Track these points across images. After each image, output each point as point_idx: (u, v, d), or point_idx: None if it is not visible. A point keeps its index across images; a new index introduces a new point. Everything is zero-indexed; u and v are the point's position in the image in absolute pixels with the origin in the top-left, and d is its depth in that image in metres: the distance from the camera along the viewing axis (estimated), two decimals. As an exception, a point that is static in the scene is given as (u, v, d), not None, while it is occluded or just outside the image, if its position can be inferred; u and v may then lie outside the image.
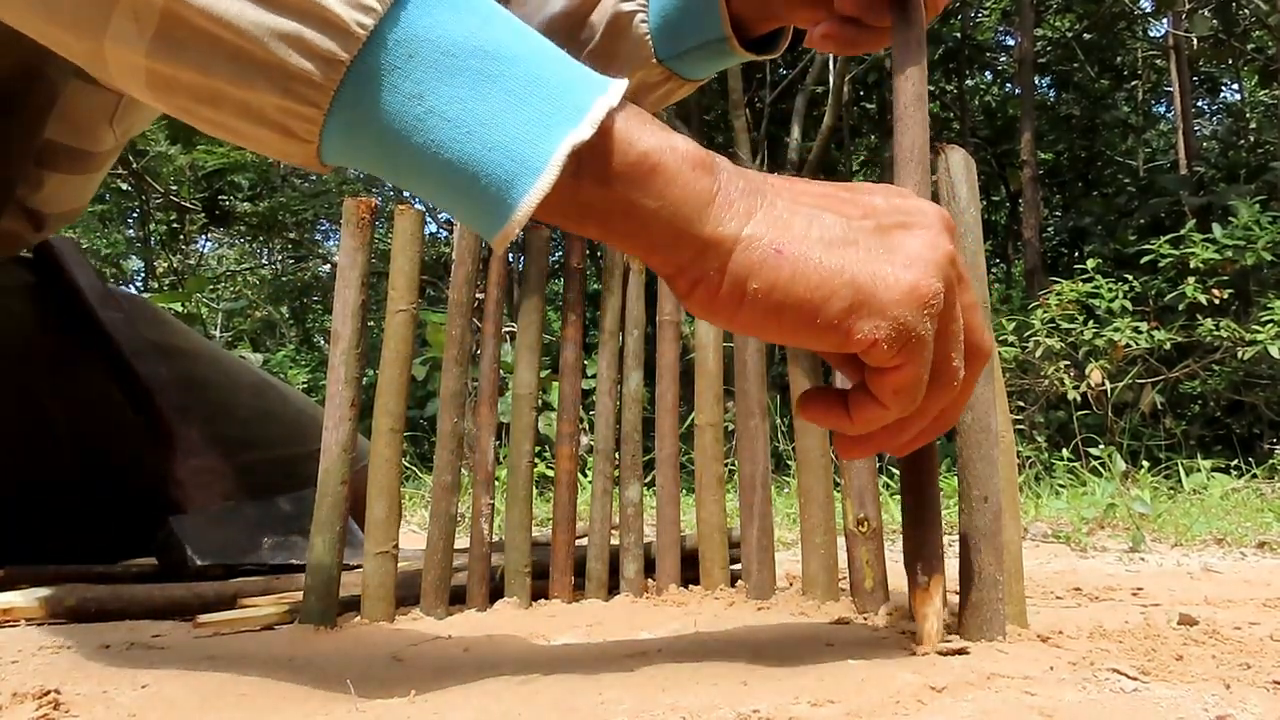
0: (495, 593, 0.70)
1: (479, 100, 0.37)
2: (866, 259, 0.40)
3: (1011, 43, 9.73)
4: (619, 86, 0.39)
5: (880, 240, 0.41)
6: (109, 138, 0.85)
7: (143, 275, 9.89)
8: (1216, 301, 4.64)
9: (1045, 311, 4.75)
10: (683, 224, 0.39)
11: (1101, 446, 3.13)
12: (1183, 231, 4.97)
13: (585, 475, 2.33)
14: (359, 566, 0.67)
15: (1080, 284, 4.81)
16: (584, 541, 0.74)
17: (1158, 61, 9.21)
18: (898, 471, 0.55)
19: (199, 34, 0.36)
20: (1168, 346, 4.60)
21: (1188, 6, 7.02)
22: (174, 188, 7.70)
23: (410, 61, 0.37)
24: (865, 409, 0.44)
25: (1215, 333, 4.49)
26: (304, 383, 7.50)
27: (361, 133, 0.38)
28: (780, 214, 0.41)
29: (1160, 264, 4.95)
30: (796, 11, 0.64)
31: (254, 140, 0.39)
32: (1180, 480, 2.74)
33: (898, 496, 0.55)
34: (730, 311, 0.41)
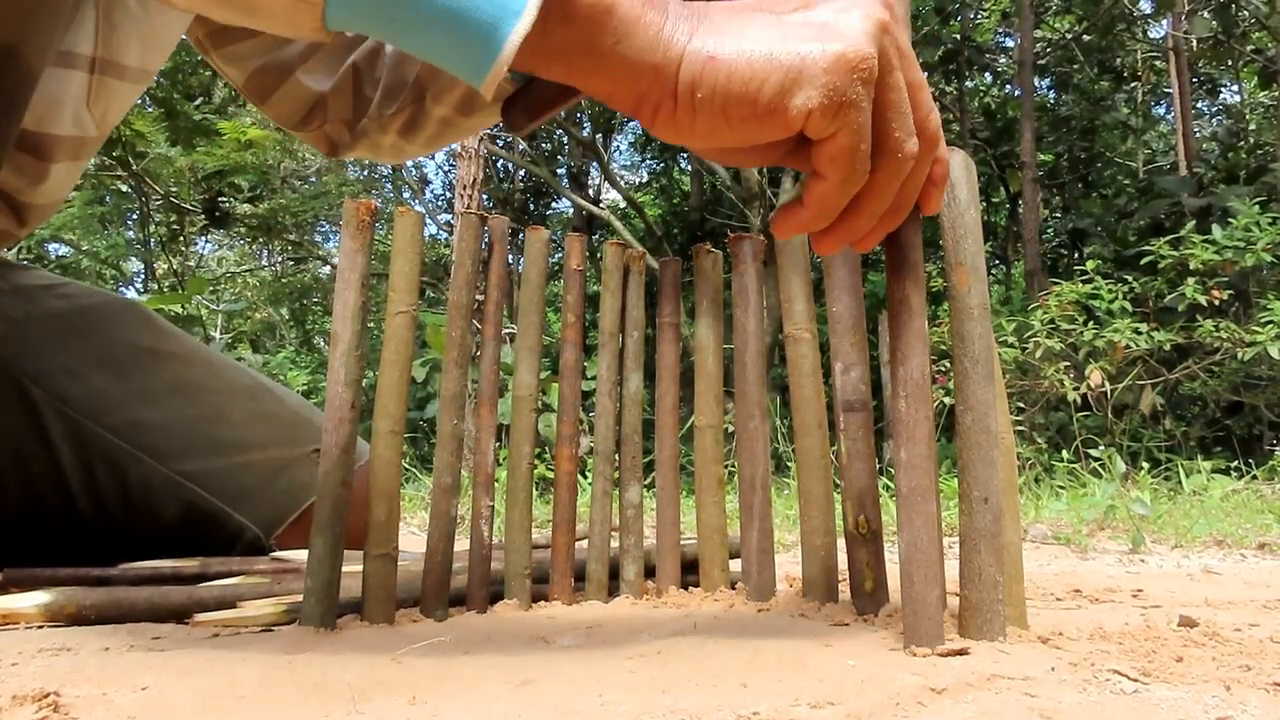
0: (495, 595, 0.70)
1: None
2: (795, 43, 0.44)
3: (1011, 44, 9.73)
4: None
5: (811, 25, 0.45)
6: (89, 123, 0.84)
7: (142, 277, 9.90)
8: (1216, 302, 4.64)
9: (1045, 313, 4.75)
10: (635, 55, 0.43)
11: (1101, 448, 3.13)
12: (1182, 233, 4.97)
13: (585, 477, 2.33)
14: None
15: (1080, 285, 4.81)
16: (584, 543, 0.74)
17: (1157, 63, 9.22)
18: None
19: None
20: (1167, 348, 4.60)
21: (1187, 8, 7.02)
22: (174, 189, 7.69)
23: None
24: (812, 188, 0.47)
25: (1215, 334, 4.49)
26: (304, 384, 7.50)
27: None
28: (715, 27, 0.45)
29: (1160, 265, 4.95)
30: None
31: (265, 10, 0.43)
32: (1180, 482, 2.74)
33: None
34: (689, 124, 0.45)
